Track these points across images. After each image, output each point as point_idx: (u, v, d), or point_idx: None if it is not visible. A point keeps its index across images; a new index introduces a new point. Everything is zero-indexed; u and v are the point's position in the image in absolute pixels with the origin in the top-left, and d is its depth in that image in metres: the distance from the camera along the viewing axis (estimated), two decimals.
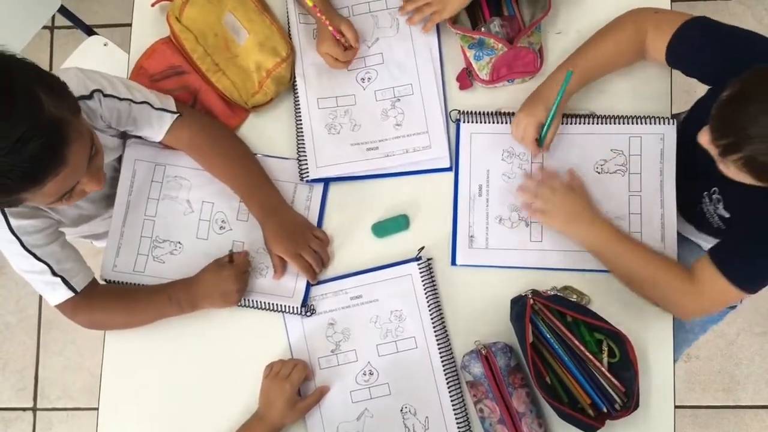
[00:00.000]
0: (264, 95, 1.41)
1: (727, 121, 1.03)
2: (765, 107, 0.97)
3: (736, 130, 1.00)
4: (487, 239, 1.38)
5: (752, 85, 1.01)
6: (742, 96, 1.01)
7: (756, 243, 1.20)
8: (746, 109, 0.99)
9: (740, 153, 1.00)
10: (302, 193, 1.41)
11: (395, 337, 1.36)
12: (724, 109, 1.03)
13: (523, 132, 1.33)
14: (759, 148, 0.98)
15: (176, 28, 1.41)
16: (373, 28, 1.45)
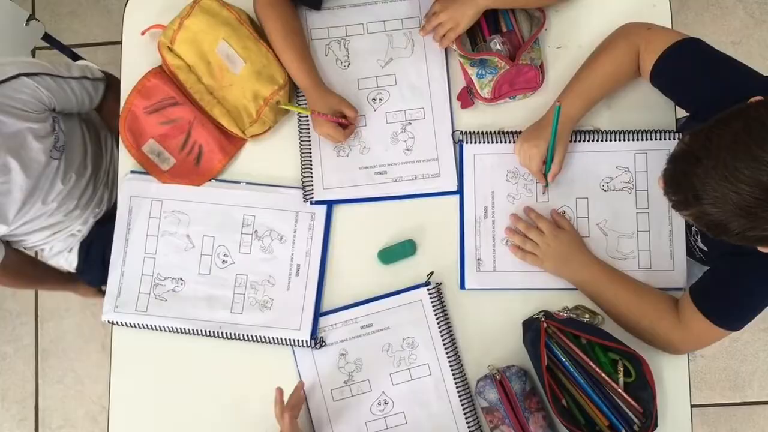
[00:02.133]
0: (262, 124, 1.37)
1: (676, 178, 0.99)
2: (712, 169, 0.93)
3: (685, 189, 0.97)
4: (495, 262, 1.36)
5: (701, 145, 0.96)
6: (691, 154, 0.97)
7: (732, 281, 1.20)
8: (694, 169, 0.95)
9: (690, 210, 0.98)
10: (304, 221, 1.38)
11: (408, 365, 1.34)
12: (674, 165, 1.00)
13: (528, 163, 1.32)
14: (707, 209, 0.95)
15: (168, 57, 1.37)
16: (388, 47, 1.42)
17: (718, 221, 0.96)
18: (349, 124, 1.38)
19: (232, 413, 1.36)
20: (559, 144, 1.29)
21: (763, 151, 0.90)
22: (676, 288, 1.34)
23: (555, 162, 1.30)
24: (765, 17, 2.34)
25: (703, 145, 0.96)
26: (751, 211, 0.92)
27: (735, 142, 0.93)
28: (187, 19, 1.35)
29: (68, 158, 1.45)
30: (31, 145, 1.33)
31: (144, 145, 1.40)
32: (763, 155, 0.90)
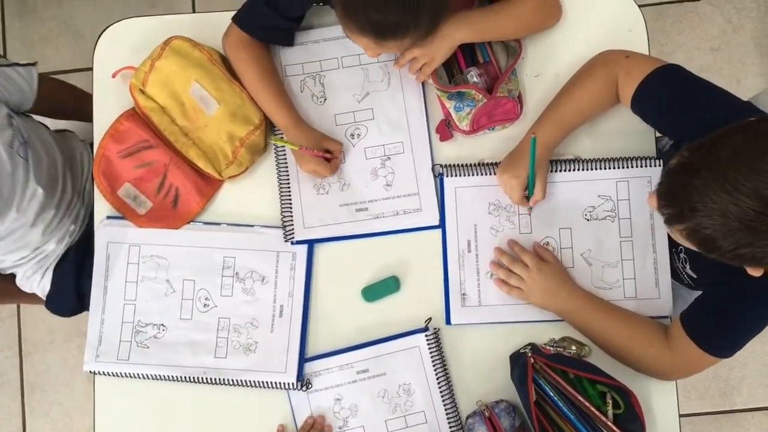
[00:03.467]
0: (239, 165, 1.35)
1: (673, 190, 0.99)
2: (712, 181, 0.93)
3: (681, 202, 0.96)
4: (480, 296, 1.35)
5: (701, 157, 0.96)
6: (690, 167, 0.96)
7: (722, 309, 1.20)
8: (693, 181, 0.94)
9: (685, 224, 0.97)
10: (285, 261, 1.36)
11: (404, 412, 1.33)
12: (671, 178, 0.99)
13: (511, 193, 1.30)
14: (703, 221, 0.94)
15: (140, 100, 1.34)
16: (363, 81, 1.39)
17: (712, 236, 0.95)
18: (334, 158, 1.36)
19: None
20: (538, 172, 1.28)
21: (765, 164, 0.90)
22: (662, 316, 1.33)
23: (537, 189, 1.29)
24: (743, 22, 2.34)
25: (703, 157, 0.95)
26: (750, 224, 0.91)
27: (736, 155, 0.92)
28: (158, 61, 1.32)
29: (36, 160, 1.38)
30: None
31: (120, 190, 1.38)
32: (764, 167, 0.90)
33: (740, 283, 1.14)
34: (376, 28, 1.12)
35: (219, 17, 1.38)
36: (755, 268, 1.02)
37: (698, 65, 2.31)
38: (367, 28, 1.12)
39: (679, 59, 2.31)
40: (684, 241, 1.02)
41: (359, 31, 1.13)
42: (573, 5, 1.40)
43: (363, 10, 1.09)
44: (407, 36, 1.15)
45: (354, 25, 1.13)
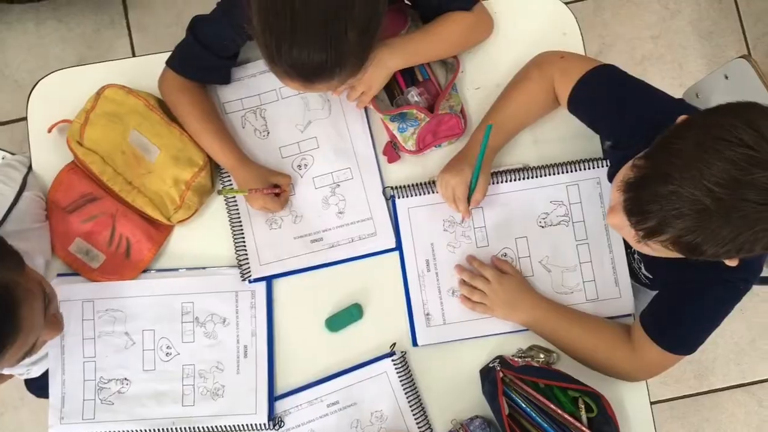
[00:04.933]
0: (187, 209, 1.33)
1: (645, 203, 0.95)
2: (679, 184, 0.91)
3: (659, 212, 0.94)
4: (444, 315, 1.35)
5: (664, 161, 0.94)
6: (656, 175, 0.95)
7: (679, 308, 1.21)
8: (666, 187, 0.92)
9: (665, 235, 0.95)
10: (245, 301, 1.34)
11: None
12: (638, 192, 0.97)
13: (452, 193, 1.29)
14: (683, 228, 0.93)
15: (79, 152, 1.31)
16: (304, 110, 1.38)
17: (696, 241, 0.93)
18: (283, 191, 1.34)
19: None
20: (481, 171, 1.27)
21: (732, 151, 0.89)
22: (625, 315, 1.34)
23: (478, 189, 1.28)
24: (680, 7, 2.37)
25: (667, 160, 0.94)
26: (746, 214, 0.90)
27: (701, 150, 0.91)
28: (92, 112, 1.30)
29: None
30: None
31: (71, 246, 1.35)
32: (732, 155, 0.89)
33: (693, 280, 1.16)
34: (301, 72, 1.10)
35: (159, 59, 1.35)
36: (732, 260, 1.01)
37: (640, 54, 2.34)
38: (292, 72, 1.10)
39: (621, 50, 2.35)
40: (663, 250, 1.00)
41: (285, 75, 1.12)
42: (505, 14, 1.40)
43: (286, 55, 1.07)
44: (334, 78, 1.12)
45: (279, 70, 1.12)
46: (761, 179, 0.89)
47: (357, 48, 1.10)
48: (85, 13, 2.38)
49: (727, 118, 0.92)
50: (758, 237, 0.92)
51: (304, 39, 1.05)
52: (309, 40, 1.06)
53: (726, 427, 2.23)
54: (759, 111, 0.94)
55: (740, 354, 2.25)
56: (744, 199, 0.89)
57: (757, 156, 0.89)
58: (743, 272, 1.13)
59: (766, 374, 2.25)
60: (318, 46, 1.06)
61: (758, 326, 2.26)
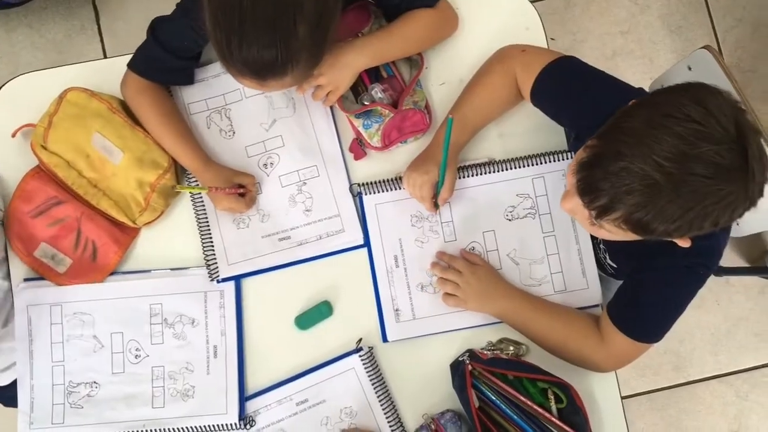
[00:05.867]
0: (153, 211, 1.32)
1: (596, 182, 0.98)
2: (630, 160, 0.93)
3: (605, 191, 0.96)
4: (413, 310, 1.35)
5: (615, 140, 0.97)
6: (607, 153, 0.97)
7: (643, 297, 1.22)
8: (617, 164, 0.95)
9: (617, 212, 0.97)
10: (214, 301, 1.34)
11: None
12: (590, 171, 0.99)
13: (420, 192, 1.30)
14: (633, 205, 0.95)
15: (43, 156, 1.31)
16: (269, 109, 1.38)
17: (647, 219, 0.95)
18: (248, 192, 1.34)
19: None
20: (448, 167, 1.27)
21: (681, 126, 0.91)
22: (593, 305, 1.35)
23: (445, 187, 1.28)
24: (649, 2, 2.39)
25: (618, 139, 0.96)
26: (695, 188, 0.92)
27: (651, 126, 0.93)
28: (55, 116, 1.29)
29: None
30: None
31: (36, 251, 1.34)
32: (681, 130, 0.91)
33: (654, 268, 1.17)
34: (252, 70, 1.10)
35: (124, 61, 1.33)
36: (684, 239, 1.03)
37: (611, 49, 2.35)
38: (244, 70, 1.10)
39: (592, 45, 2.36)
40: (616, 231, 1.02)
41: (238, 73, 1.12)
42: (469, 11, 1.41)
43: (236, 52, 1.07)
44: (287, 74, 1.12)
45: (232, 68, 1.11)
46: (708, 153, 0.90)
47: (308, 44, 1.10)
48: (56, 19, 2.38)
49: (675, 96, 0.95)
50: (707, 212, 0.94)
51: (253, 35, 1.05)
52: (257, 36, 1.05)
53: (704, 418, 2.24)
54: (706, 89, 0.96)
55: (717, 345, 2.27)
56: (692, 173, 0.91)
57: (704, 131, 0.91)
58: (702, 257, 1.14)
59: (742, 365, 2.26)
60: (266, 42, 1.06)
61: (734, 317, 2.27)
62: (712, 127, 0.91)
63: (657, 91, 1.00)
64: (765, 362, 2.26)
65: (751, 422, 2.24)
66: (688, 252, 1.10)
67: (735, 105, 0.95)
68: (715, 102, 0.93)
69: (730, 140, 0.91)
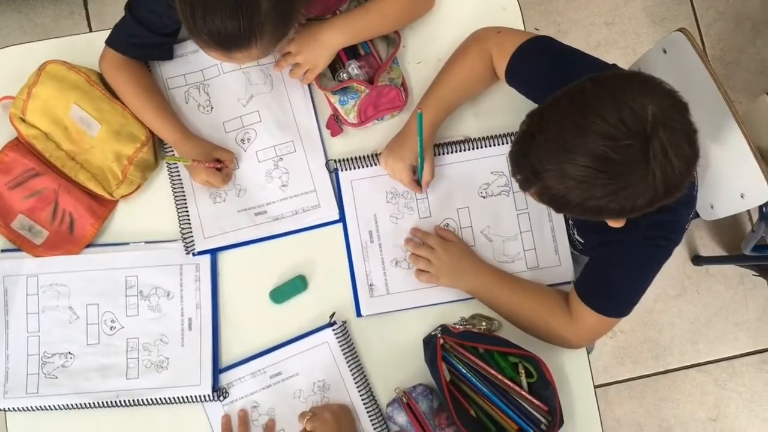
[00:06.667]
0: (130, 184, 1.33)
1: (516, 158, 1.03)
2: (543, 145, 0.97)
3: (525, 167, 1.01)
4: (387, 285, 1.36)
5: (535, 123, 1.00)
6: (527, 133, 1.01)
7: (607, 271, 1.24)
8: (529, 147, 0.99)
9: (533, 187, 1.02)
10: (189, 274, 1.35)
11: None
12: (515, 147, 1.04)
13: (399, 176, 1.32)
14: (546, 183, 0.99)
15: (22, 128, 1.32)
16: (246, 85, 1.39)
17: (559, 195, 0.99)
18: (225, 167, 1.35)
19: None
20: (425, 151, 1.29)
21: (587, 120, 0.93)
22: (565, 282, 1.36)
23: (426, 170, 1.31)
24: None
25: (537, 123, 1.00)
26: (584, 179, 0.95)
27: (562, 116, 0.97)
28: (34, 87, 1.30)
29: None
30: None
31: (13, 222, 1.35)
32: (587, 124, 0.93)
33: (616, 242, 1.18)
34: (216, 41, 1.11)
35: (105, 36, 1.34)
36: (613, 220, 1.05)
37: (595, 40, 2.37)
38: (209, 41, 1.11)
39: (576, 36, 2.38)
40: (540, 202, 1.06)
41: (205, 45, 1.13)
42: None
43: (200, 23, 1.08)
44: (252, 47, 1.12)
45: (198, 40, 1.13)
46: (600, 148, 0.92)
47: (272, 16, 1.10)
48: (45, 4, 2.39)
49: (596, 86, 0.97)
50: (604, 202, 0.97)
51: (215, 6, 1.06)
52: (220, 7, 1.06)
53: (683, 406, 2.26)
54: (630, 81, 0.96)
55: (696, 334, 2.29)
56: (585, 165, 0.94)
57: (603, 126, 0.92)
58: (664, 230, 1.16)
59: (721, 354, 2.28)
60: (229, 14, 1.06)
61: (714, 306, 2.29)
62: (613, 124, 0.92)
63: (589, 77, 1.01)
64: (744, 351, 2.28)
65: (730, 410, 2.26)
66: (650, 225, 1.13)
67: (663, 97, 0.95)
68: (628, 95, 0.93)
69: (629, 137, 0.92)
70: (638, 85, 0.95)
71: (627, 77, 0.99)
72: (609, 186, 0.95)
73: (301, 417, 1.25)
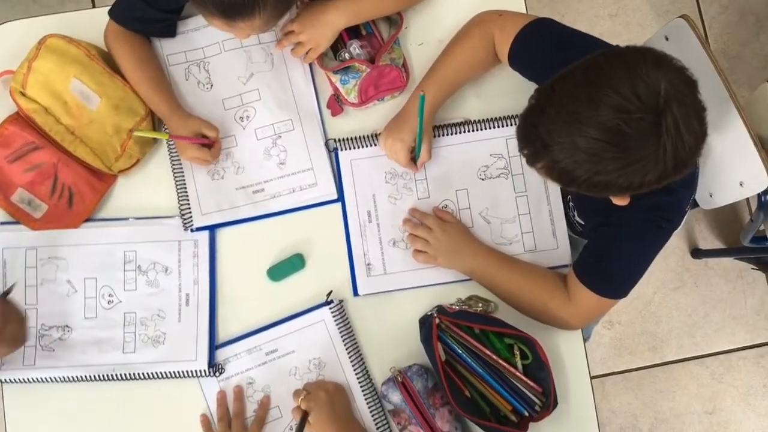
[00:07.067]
0: (129, 158, 1.34)
1: (525, 132, 1.02)
2: (554, 117, 0.97)
3: (534, 141, 1.00)
4: (384, 264, 1.36)
5: (545, 96, 1.00)
6: (537, 107, 1.00)
7: (607, 251, 1.23)
8: (539, 119, 0.98)
9: (541, 161, 1.01)
10: (187, 250, 1.36)
11: None
12: (523, 120, 1.04)
13: (396, 157, 1.32)
14: (555, 156, 0.98)
15: (22, 102, 1.32)
16: (247, 63, 1.39)
17: (567, 169, 0.98)
18: (212, 143, 1.35)
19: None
20: (424, 133, 1.29)
21: (600, 93, 0.93)
22: (562, 265, 1.36)
23: (423, 150, 1.31)
24: None
25: (548, 96, 1.00)
26: (595, 152, 0.94)
27: (575, 88, 0.96)
28: (35, 61, 1.30)
29: None
30: None
31: (13, 195, 1.35)
32: (601, 97, 0.93)
33: (617, 222, 1.18)
34: (220, 9, 1.11)
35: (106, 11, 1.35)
36: (618, 198, 1.05)
37: (598, 32, 2.37)
38: (213, 9, 1.12)
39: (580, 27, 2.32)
40: (547, 178, 1.05)
41: (208, 13, 1.13)
42: None
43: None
44: (255, 16, 1.13)
45: (201, 7, 1.13)
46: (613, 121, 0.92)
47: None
48: None
49: (609, 60, 0.97)
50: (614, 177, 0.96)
51: None
52: None
53: (679, 399, 2.26)
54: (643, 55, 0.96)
55: (694, 327, 2.29)
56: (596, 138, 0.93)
57: (617, 99, 0.91)
58: (663, 212, 1.16)
59: (719, 347, 2.28)
60: None
61: (712, 300, 2.29)
62: (627, 96, 0.91)
63: (602, 52, 1.01)
64: (741, 345, 2.28)
65: (726, 404, 2.26)
66: (650, 207, 1.12)
67: (674, 73, 0.95)
68: (642, 70, 0.93)
69: (642, 110, 0.91)
70: (651, 59, 0.95)
71: (640, 51, 0.97)
72: (619, 160, 0.94)
73: (296, 395, 1.26)
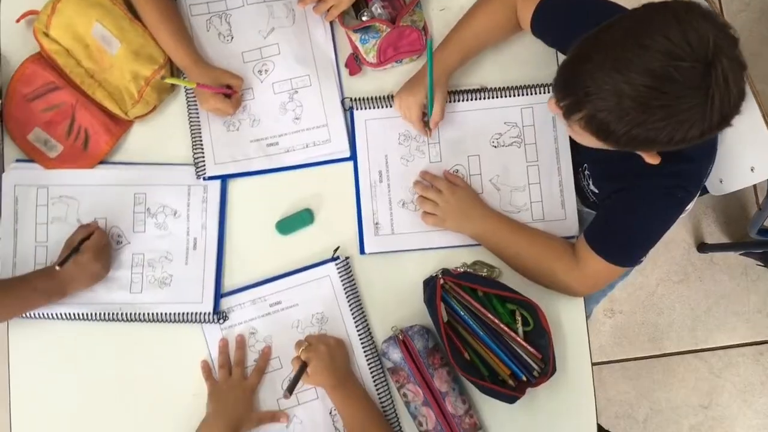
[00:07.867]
0: (145, 105, 1.35)
1: (566, 81, 1.01)
2: (600, 63, 0.95)
3: (576, 89, 0.98)
4: (393, 225, 1.37)
5: (590, 44, 0.99)
6: (581, 55, 0.99)
7: (620, 218, 1.23)
8: (584, 67, 0.97)
9: (582, 112, 1.00)
10: (197, 195, 1.37)
11: None
12: (565, 70, 1.03)
13: (408, 113, 1.33)
14: (598, 104, 0.96)
15: (45, 43, 1.33)
16: (269, 17, 1.40)
17: (606, 120, 0.97)
18: (234, 93, 1.36)
19: (145, 397, 1.35)
20: (437, 91, 1.29)
21: (652, 40, 0.92)
22: (569, 236, 1.37)
23: (435, 110, 1.31)
24: None
25: (594, 44, 0.98)
26: (642, 101, 0.93)
27: (624, 36, 0.95)
28: (59, 3, 1.31)
29: None
30: None
31: (30, 134, 1.36)
32: (651, 43, 0.92)
33: (632, 189, 1.18)
34: None
35: None
36: (651, 155, 1.05)
37: None
38: None
39: None
40: (582, 133, 1.04)
41: None
42: None
43: None
44: None
45: None
46: (666, 68, 0.91)
47: None
48: None
49: (657, 9, 0.96)
50: (659, 125, 0.95)
51: None
52: None
53: (676, 391, 2.26)
54: (691, 7, 0.95)
55: (695, 321, 2.29)
56: (645, 85, 0.92)
57: (668, 45, 0.91)
58: (682, 180, 1.16)
59: (719, 342, 2.29)
60: None
61: (715, 295, 2.29)
62: (678, 43, 0.91)
63: (648, 4, 1.01)
64: (741, 341, 2.28)
65: (722, 399, 2.26)
66: (668, 174, 1.12)
67: (720, 28, 0.95)
68: (692, 20, 0.93)
69: (694, 59, 0.91)
70: (699, 12, 0.94)
71: (688, 4, 0.96)
72: (666, 109, 0.93)
73: (297, 345, 1.27)
